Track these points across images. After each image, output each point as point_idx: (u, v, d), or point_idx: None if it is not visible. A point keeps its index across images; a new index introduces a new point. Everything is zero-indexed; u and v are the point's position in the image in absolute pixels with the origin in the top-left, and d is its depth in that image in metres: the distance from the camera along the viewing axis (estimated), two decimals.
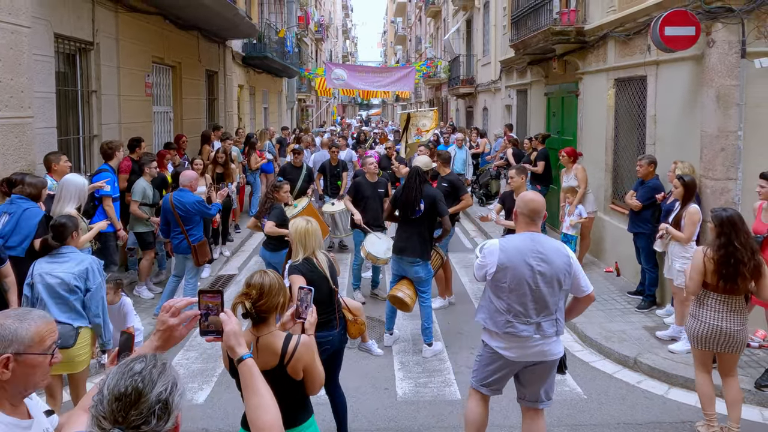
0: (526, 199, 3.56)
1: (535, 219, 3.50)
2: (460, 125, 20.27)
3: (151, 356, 1.48)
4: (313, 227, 3.86)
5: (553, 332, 3.44)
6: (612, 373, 5.35)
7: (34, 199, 5.02)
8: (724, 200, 5.75)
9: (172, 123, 10.99)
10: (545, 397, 3.61)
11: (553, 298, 3.41)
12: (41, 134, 6.21)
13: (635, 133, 7.69)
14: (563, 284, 3.41)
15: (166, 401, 1.40)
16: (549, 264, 3.38)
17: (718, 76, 5.73)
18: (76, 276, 3.86)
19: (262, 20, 18.09)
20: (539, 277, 3.37)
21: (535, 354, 3.46)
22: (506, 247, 3.45)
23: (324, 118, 36.23)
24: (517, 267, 3.38)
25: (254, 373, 1.88)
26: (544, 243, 3.46)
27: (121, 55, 8.22)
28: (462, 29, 22.02)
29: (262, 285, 2.66)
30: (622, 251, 7.65)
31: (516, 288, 3.39)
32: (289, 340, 2.64)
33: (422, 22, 36.95)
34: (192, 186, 6.45)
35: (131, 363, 1.45)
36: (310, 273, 3.76)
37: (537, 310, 3.40)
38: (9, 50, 5.48)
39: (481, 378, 3.67)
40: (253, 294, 2.63)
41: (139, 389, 1.39)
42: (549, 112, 11.43)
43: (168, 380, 1.44)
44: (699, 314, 4.12)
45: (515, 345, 3.45)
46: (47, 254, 3.94)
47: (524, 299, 3.39)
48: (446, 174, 7.17)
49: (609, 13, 8.10)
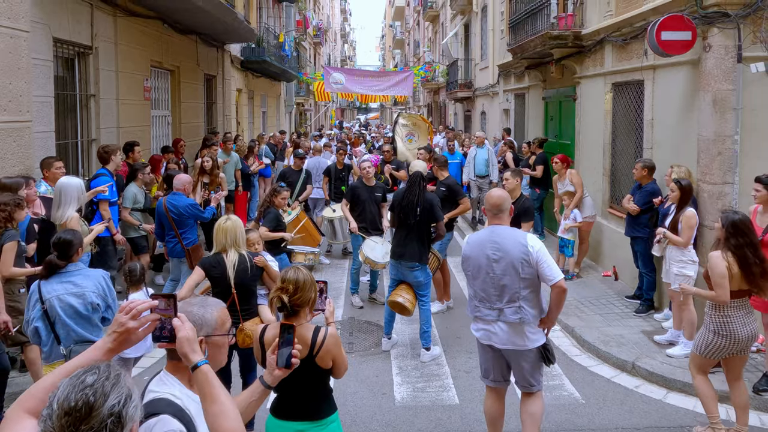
0: (489, 195, 3.90)
1: (497, 213, 3.80)
2: (458, 129, 20.28)
3: (104, 367, 1.42)
4: (231, 224, 4.10)
5: (516, 319, 3.67)
6: (610, 377, 5.35)
7: None
8: (721, 204, 5.76)
9: (170, 127, 11.00)
10: (528, 383, 3.83)
11: (512, 285, 3.66)
12: (40, 138, 6.21)
13: (633, 137, 7.71)
14: (521, 272, 3.62)
15: (119, 414, 1.35)
16: (504, 252, 3.66)
17: (715, 80, 5.75)
18: (96, 294, 3.68)
19: (260, 24, 18.12)
20: (494, 264, 3.68)
21: (502, 341, 3.74)
22: (470, 240, 3.89)
23: (322, 122, 36.26)
24: (476, 257, 3.76)
25: (211, 380, 1.80)
26: (502, 233, 3.75)
27: (119, 59, 8.23)
28: (460, 33, 22.07)
29: (297, 280, 2.84)
30: (620, 255, 7.66)
31: (476, 275, 3.77)
32: (318, 332, 2.82)
33: (420, 26, 37.04)
34: (186, 190, 6.45)
35: (83, 375, 1.39)
36: (211, 268, 4.09)
37: (498, 297, 3.70)
38: (8, 54, 5.48)
39: (480, 367, 4.03)
40: (290, 288, 2.81)
41: (90, 403, 1.33)
42: (547, 116, 11.46)
43: (122, 392, 1.38)
44: (723, 328, 3.98)
45: (484, 327, 3.81)
46: (53, 274, 3.65)
47: (485, 285, 3.74)
48: (444, 178, 7.17)
49: (606, 17, 8.13)
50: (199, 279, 4.14)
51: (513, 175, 6.58)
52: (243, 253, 4.13)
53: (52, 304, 3.54)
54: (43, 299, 3.54)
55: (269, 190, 6.51)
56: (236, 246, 4.10)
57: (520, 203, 6.14)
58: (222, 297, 3.91)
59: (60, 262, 3.63)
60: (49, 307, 3.53)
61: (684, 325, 5.51)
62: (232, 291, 4.07)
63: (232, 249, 4.08)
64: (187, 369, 1.90)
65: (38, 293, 3.57)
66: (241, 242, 4.15)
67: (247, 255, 4.16)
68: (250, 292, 4.24)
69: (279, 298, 2.80)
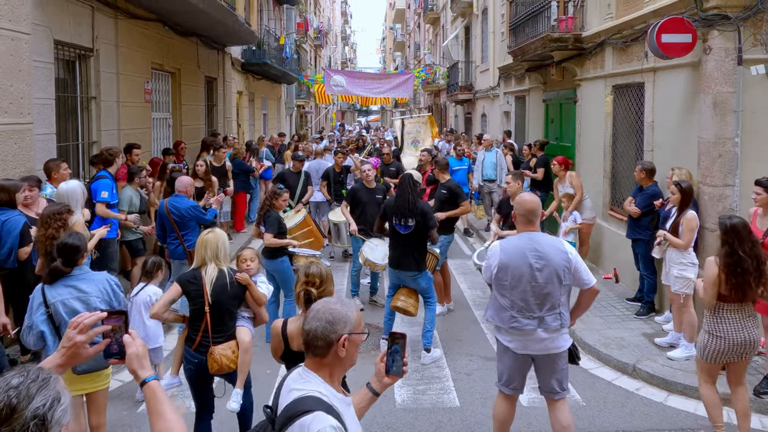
0: (522, 200, 3.76)
1: (531, 219, 3.69)
2: (460, 132, 20.30)
3: (34, 370, 1.40)
4: (213, 237, 3.81)
5: (558, 325, 3.60)
6: (611, 380, 5.34)
7: (7, 205, 4.90)
8: (721, 207, 5.76)
9: (171, 129, 11.01)
10: (558, 388, 3.75)
11: (555, 292, 3.58)
12: (40, 140, 6.21)
13: (633, 139, 7.72)
14: (563, 279, 3.58)
15: (43, 417, 1.33)
16: (546, 260, 3.56)
17: (715, 83, 5.76)
18: (100, 299, 3.59)
19: (261, 27, 18.15)
20: (537, 273, 3.56)
21: (539, 348, 3.64)
22: (506, 247, 3.67)
23: (323, 124, 36.29)
24: (517, 265, 3.58)
25: (158, 396, 1.77)
26: (541, 241, 3.65)
27: (120, 62, 8.25)
28: (461, 36, 22.09)
29: (321, 273, 3.03)
30: (620, 258, 7.65)
31: (516, 285, 3.59)
32: None
33: (421, 28, 37.09)
34: (188, 192, 6.44)
35: (9, 377, 1.38)
36: (187, 283, 3.79)
37: (539, 305, 3.58)
38: (9, 57, 5.49)
39: (499, 376, 3.90)
40: (316, 282, 3.00)
41: (13, 405, 1.31)
42: (547, 118, 11.47)
43: (49, 395, 1.36)
44: (717, 329, 3.99)
45: (520, 338, 3.65)
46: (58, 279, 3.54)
47: (525, 295, 3.58)
48: (445, 181, 7.18)
49: (606, 20, 8.14)
50: (175, 295, 3.81)
51: (514, 178, 6.59)
52: (224, 268, 3.82)
53: (56, 309, 3.47)
54: (48, 303, 3.48)
55: (268, 192, 6.45)
56: (217, 260, 3.79)
57: None
58: (197, 316, 3.76)
59: (65, 269, 3.52)
60: (54, 312, 3.46)
61: (684, 327, 5.50)
62: (206, 310, 3.74)
63: (211, 263, 3.78)
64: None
65: (42, 297, 3.51)
66: (223, 257, 3.82)
67: (227, 271, 3.83)
68: (228, 313, 3.84)
69: (307, 292, 2.94)
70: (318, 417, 1.87)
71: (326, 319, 2.02)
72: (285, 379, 2.10)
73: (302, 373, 2.05)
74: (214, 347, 3.75)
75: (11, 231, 4.81)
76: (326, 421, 1.86)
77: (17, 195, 4.97)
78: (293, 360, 3.03)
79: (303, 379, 2.02)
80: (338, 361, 2.03)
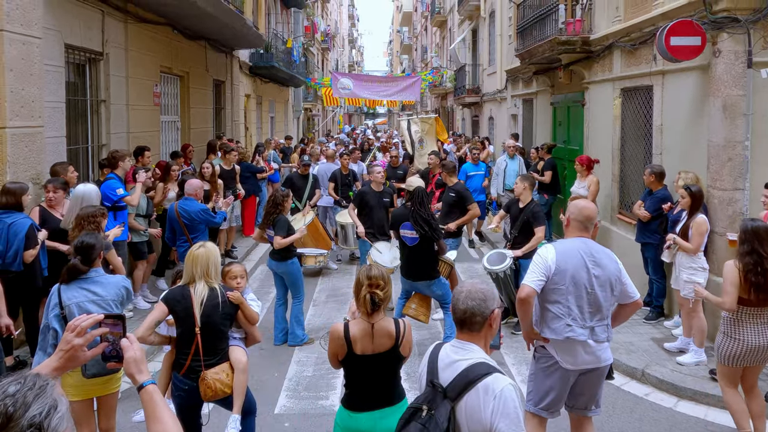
0: (580, 206, 3.63)
1: (587, 225, 3.58)
2: (466, 134, 20.28)
3: (31, 377, 1.38)
4: (204, 252, 3.51)
5: (605, 337, 3.50)
6: (620, 385, 5.30)
7: (13, 207, 4.93)
8: (731, 210, 5.72)
9: (179, 132, 11.07)
10: (597, 403, 3.66)
11: (606, 303, 3.47)
12: (51, 143, 6.26)
13: (642, 142, 7.68)
14: (615, 289, 3.48)
15: (40, 425, 1.31)
16: (602, 268, 3.45)
17: (725, 86, 5.72)
18: (116, 302, 3.57)
19: (269, 30, 18.22)
20: (595, 280, 3.43)
21: (590, 360, 3.49)
22: (562, 250, 3.49)
23: (330, 127, 36.35)
24: (575, 270, 3.43)
25: (156, 400, 1.77)
26: (596, 248, 3.54)
27: (129, 65, 8.30)
28: (468, 39, 22.09)
29: (383, 276, 3.03)
30: (628, 261, 7.53)
31: (574, 290, 3.43)
32: (399, 324, 3.07)
33: (428, 31, 37.13)
34: (197, 195, 6.48)
35: (6, 385, 1.36)
36: (174, 302, 3.47)
37: (591, 314, 3.45)
38: (21, 60, 5.54)
39: (538, 399, 3.58)
40: (381, 284, 3.00)
41: (9, 413, 1.29)
42: (555, 121, 11.43)
43: (45, 402, 1.34)
44: (736, 333, 3.98)
45: (572, 351, 3.46)
46: (75, 279, 3.53)
47: (581, 302, 3.44)
48: (453, 184, 7.17)
49: (615, 22, 8.12)
50: (160, 316, 3.48)
51: (522, 180, 6.57)
52: (215, 286, 3.51)
53: (71, 311, 3.45)
54: (63, 305, 3.48)
55: (271, 198, 6.28)
56: (207, 278, 3.48)
57: (530, 208, 6.13)
58: (186, 338, 3.47)
59: (83, 267, 3.51)
60: (69, 314, 3.44)
61: (694, 332, 5.46)
62: (196, 331, 3.43)
63: (201, 281, 3.47)
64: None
65: (57, 297, 3.50)
66: (214, 274, 3.52)
67: (219, 289, 3.53)
68: (220, 334, 3.54)
69: (373, 294, 2.97)
70: (497, 377, 2.20)
71: (480, 298, 2.32)
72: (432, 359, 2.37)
73: (460, 346, 2.33)
74: (206, 371, 3.46)
75: (17, 233, 4.83)
76: (505, 380, 2.20)
77: (23, 198, 5.02)
78: (355, 363, 3.04)
79: (464, 350, 2.31)
80: (489, 332, 2.36)
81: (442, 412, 2.18)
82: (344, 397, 3.14)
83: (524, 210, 6.24)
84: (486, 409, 2.15)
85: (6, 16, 5.35)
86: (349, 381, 3.12)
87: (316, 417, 4.75)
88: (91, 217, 4.42)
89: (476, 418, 2.17)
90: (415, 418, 2.21)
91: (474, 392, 2.17)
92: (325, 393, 5.16)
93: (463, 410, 2.19)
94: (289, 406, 4.95)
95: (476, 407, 2.17)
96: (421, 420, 2.18)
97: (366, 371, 3.03)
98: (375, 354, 3.01)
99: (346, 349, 3.01)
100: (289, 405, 4.96)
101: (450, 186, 7.16)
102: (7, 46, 5.37)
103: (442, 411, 2.18)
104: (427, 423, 2.16)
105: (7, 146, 5.40)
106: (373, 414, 3.01)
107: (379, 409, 3.02)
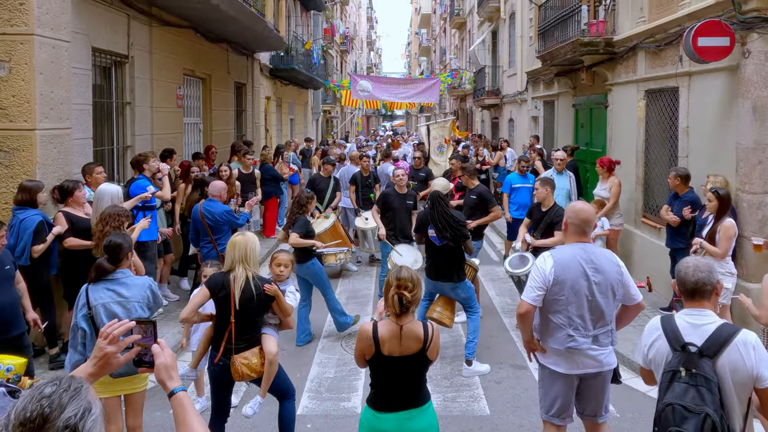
0: (577, 209, 3.55)
1: (586, 229, 3.51)
2: (486, 136, 20.18)
3: (66, 379, 1.41)
4: (242, 239, 3.77)
5: (608, 342, 3.46)
6: (646, 391, 5.21)
7: (28, 204, 5.08)
8: (761, 215, 5.61)
9: (201, 134, 11.19)
10: (605, 408, 3.61)
11: (608, 309, 3.42)
12: (78, 145, 6.37)
13: (667, 145, 7.57)
14: (617, 294, 3.43)
15: (75, 427, 1.33)
16: (603, 274, 3.38)
17: (755, 87, 5.61)
18: (141, 304, 3.61)
19: (289, 33, 18.35)
20: (595, 287, 3.37)
21: (591, 365, 3.44)
22: (559, 259, 3.41)
23: (348, 129, 36.46)
24: (574, 279, 3.36)
25: (186, 407, 1.78)
26: (595, 252, 3.47)
27: (154, 68, 8.42)
28: (487, 40, 22.01)
29: (412, 278, 3.04)
30: (653, 266, 7.50)
31: (574, 300, 3.37)
32: (427, 327, 3.07)
33: (447, 33, 37.05)
34: (221, 196, 6.53)
35: (43, 386, 1.38)
36: (217, 288, 3.73)
37: (594, 321, 3.40)
38: (50, 64, 5.65)
39: (548, 407, 3.58)
40: (409, 286, 3.01)
41: (45, 414, 1.31)
42: (577, 123, 11.33)
43: (80, 404, 1.36)
44: None
45: (573, 358, 3.43)
46: (101, 279, 3.59)
47: (582, 311, 3.38)
48: (474, 186, 7.14)
49: (639, 23, 8.02)
50: (203, 300, 3.80)
51: (542, 184, 6.47)
52: (250, 275, 3.72)
53: (98, 312, 3.51)
54: (90, 305, 3.54)
55: (296, 200, 6.39)
56: (245, 264, 3.71)
57: (554, 211, 6.06)
58: (222, 322, 3.74)
59: (109, 266, 3.58)
60: (95, 314, 3.52)
61: None
62: (231, 318, 3.68)
63: (240, 267, 3.70)
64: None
65: (86, 297, 3.57)
66: (252, 261, 3.74)
67: (257, 280, 3.73)
68: (253, 323, 3.79)
69: (401, 296, 2.98)
70: (746, 332, 2.56)
71: (707, 270, 2.68)
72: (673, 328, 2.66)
73: (697, 313, 2.65)
74: (235, 357, 3.70)
75: (27, 229, 5.00)
76: (753, 333, 2.57)
77: (39, 195, 5.18)
78: (382, 364, 3.04)
79: (701, 315, 2.64)
80: (716, 299, 2.73)
81: (706, 368, 2.51)
82: (370, 397, 3.15)
83: (548, 213, 6.17)
84: (749, 359, 2.50)
85: (37, 20, 5.45)
86: (375, 381, 3.13)
87: (338, 418, 4.75)
88: (117, 216, 4.49)
89: (740, 368, 2.51)
90: (676, 378, 2.55)
91: (733, 348, 2.52)
92: (347, 395, 5.17)
93: (726, 365, 2.52)
94: (311, 407, 4.96)
95: (738, 360, 2.51)
96: (683, 380, 2.53)
97: (392, 372, 3.04)
98: (402, 356, 3.01)
99: (373, 350, 3.02)
100: (311, 406, 4.97)
101: (471, 189, 7.13)
102: (38, 50, 5.47)
103: (705, 367, 2.51)
104: (692, 380, 2.50)
105: (36, 148, 5.50)
106: (400, 415, 3.01)
107: (406, 410, 3.02)
